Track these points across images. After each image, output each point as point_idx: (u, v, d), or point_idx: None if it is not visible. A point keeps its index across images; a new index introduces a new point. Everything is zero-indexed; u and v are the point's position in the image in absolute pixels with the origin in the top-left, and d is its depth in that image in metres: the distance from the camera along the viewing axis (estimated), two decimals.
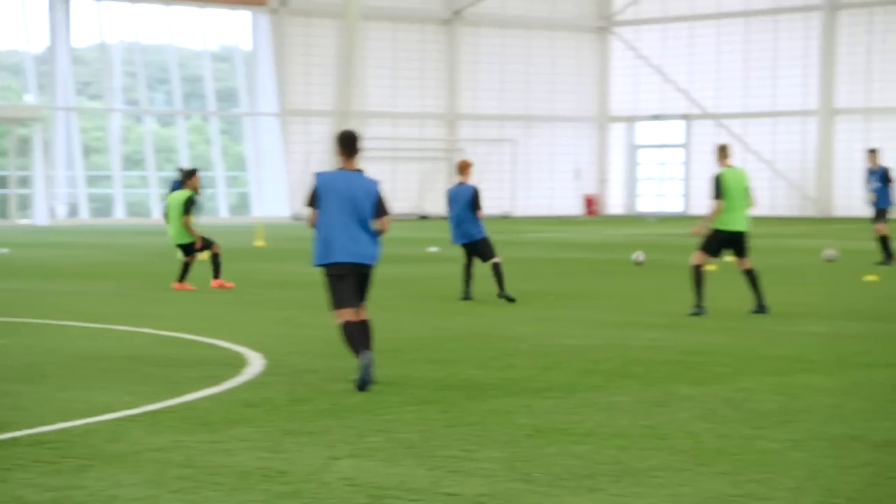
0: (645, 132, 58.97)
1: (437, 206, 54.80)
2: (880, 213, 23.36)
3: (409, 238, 34.79)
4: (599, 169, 59.25)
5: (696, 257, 15.40)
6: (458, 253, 27.79)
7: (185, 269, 18.73)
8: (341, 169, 10.16)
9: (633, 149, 59.08)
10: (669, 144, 58.05)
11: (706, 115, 56.23)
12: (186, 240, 18.81)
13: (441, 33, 55.28)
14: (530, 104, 57.43)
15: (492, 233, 18.34)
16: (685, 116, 56.97)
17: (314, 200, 10.11)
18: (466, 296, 17.22)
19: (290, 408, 9.16)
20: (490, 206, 56.18)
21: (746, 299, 17.04)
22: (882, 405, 9.11)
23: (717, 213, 15.14)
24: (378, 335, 13.34)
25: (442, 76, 55.34)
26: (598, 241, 33.29)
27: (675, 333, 13.38)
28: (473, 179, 18.12)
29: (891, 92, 51.54)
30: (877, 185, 23.35)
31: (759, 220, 48.40)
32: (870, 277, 20.22)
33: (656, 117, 57.88)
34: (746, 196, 15.31)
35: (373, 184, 10.12)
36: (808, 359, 11.46)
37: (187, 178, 19.10)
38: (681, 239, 34.31)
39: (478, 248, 17.26)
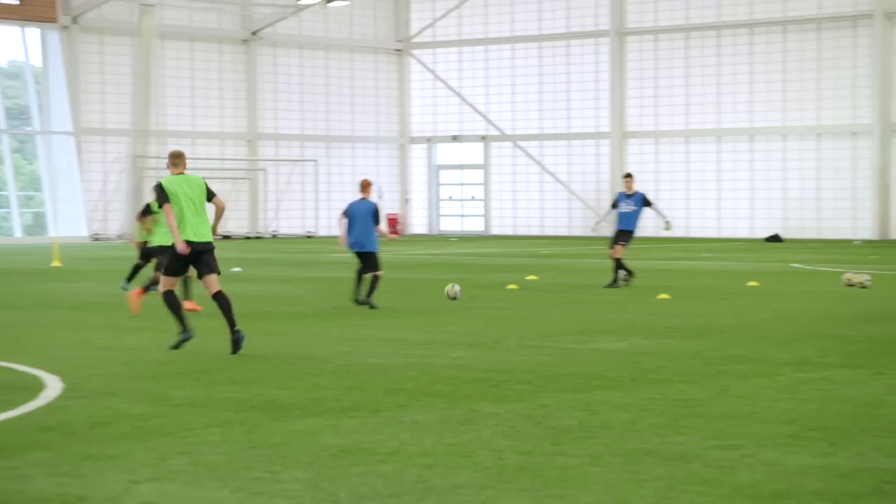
0: (445, 153, 59.63)
1: (240, 225, 54.32)
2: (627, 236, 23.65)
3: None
4: (401, 189, 59.65)
5: (163, 283, 13.72)
6: (258, 273, 27.60)
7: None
8: None
9: (434, 169, 59.67)
10: (469, 165, 58.83)
11: (503, 137, 57.17)
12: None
13: (239, 53, 54.90)
14: (331, 124, 57.49)
15: (296, 253, 18.32)
16: (483, 138, 57.81)
17: None
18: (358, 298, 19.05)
19: (90, 431, 8.97)
20: (293, 226, 56.04)
21: (550, 318, 17.38)
22: (675, 420, 9.40)
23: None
24: (182, 356, 13.19)
25: (242, 96, 54.96)
26: (401, 261, 33.50)
27: (478, 352, 13.56)
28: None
29: (677, 115, 53.30)
30: (634, 208, 23.70)
31: (556, 240, 49.50)
32: (663, 296, 20.85)
33: (455, 138, 58.58)
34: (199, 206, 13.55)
35: None
36: (605, 375, 11.75)
37: None
38: (481, 258, 34.77)
39: (369, 259, 19.14)
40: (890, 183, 48.89)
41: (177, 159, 13.75)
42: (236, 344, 13.33)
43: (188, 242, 13.52)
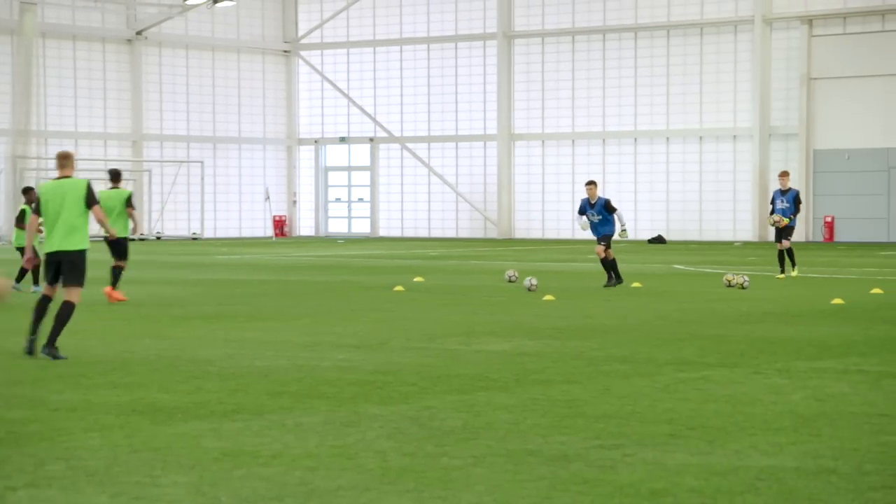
0: (333, 155, 59.49)
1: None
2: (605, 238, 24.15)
3: (95, 260, 33.84)
4: (288, 191, 59.37)
5: None
6: (142, 276, 27.26)
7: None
8: None
9: (321, 171, 59.49)
10: (357, 167, 58.77)
11: (391, 139, 57.19)
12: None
13: (124, 52, 54.20)
14: (218, 126, 57.03)
15: (180, 255, 18.10)
16: (371, 139, 57.78)
17: None
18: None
19: None
20: (178, 227, 55.45)
21: (436, 320, 17.44)
22: (557, 420, 9.50)
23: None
24: (62, 360, 12.97)
25: (126, 96, 54.26)
26: (288, 263, 33.34)
27: (363, 354, 13.56)
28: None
29: (564, 118, 53.80)
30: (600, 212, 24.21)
31: (444, 242, 49.64)
32: (548, 297, 21.03)
33: (342, 140, 58.47)
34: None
35: None
36: (489, 377, 11.82)
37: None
38: (367, 260, 34.74)
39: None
40: (768, 186, 49.86)
41: (61, 160, 13.35)
42: (52, 356, 12.92)
43: (53, 252, 13.07)
